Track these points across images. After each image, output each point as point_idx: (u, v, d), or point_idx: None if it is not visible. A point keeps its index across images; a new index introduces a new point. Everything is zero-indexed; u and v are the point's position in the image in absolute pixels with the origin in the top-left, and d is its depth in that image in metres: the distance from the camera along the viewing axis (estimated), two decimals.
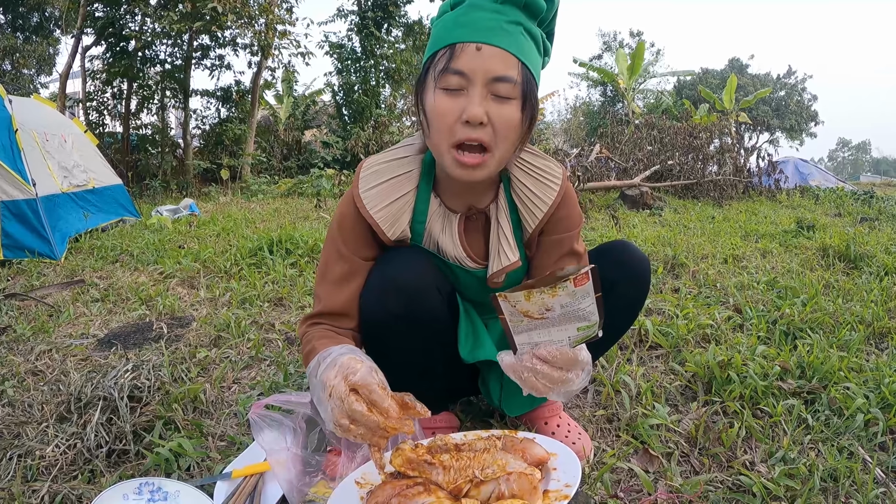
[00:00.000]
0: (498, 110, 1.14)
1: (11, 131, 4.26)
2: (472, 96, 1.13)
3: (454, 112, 1.14)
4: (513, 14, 1.15)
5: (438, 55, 1.16)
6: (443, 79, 1.14)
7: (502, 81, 1.13)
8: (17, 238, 4.00)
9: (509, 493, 0.98)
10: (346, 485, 1.11)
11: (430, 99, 1.18)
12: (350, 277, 1.31)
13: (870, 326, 2.45)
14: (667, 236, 4.80)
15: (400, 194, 1.28)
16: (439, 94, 1.15)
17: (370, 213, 1.27)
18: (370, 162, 1.33)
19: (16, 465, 1.41)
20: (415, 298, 1.24)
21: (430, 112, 1.18)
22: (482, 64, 1.12)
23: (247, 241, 4.22)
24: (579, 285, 0.96)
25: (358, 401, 0.98)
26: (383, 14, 14.84)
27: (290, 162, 14.62)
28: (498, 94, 1.14)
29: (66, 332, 2.49)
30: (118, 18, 11.60)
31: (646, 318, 2.38)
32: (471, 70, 1.12)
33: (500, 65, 1.13)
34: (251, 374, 2.04)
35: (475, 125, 1.13)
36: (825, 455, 1.49)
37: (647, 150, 9.95)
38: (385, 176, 1.29)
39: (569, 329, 1.03)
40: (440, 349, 1.35)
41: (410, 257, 1.27)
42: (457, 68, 1.12)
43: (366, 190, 1.28)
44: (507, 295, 0.99)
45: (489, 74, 1.12)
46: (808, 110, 37.59)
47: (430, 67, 1.18)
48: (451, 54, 1.13)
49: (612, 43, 34.21)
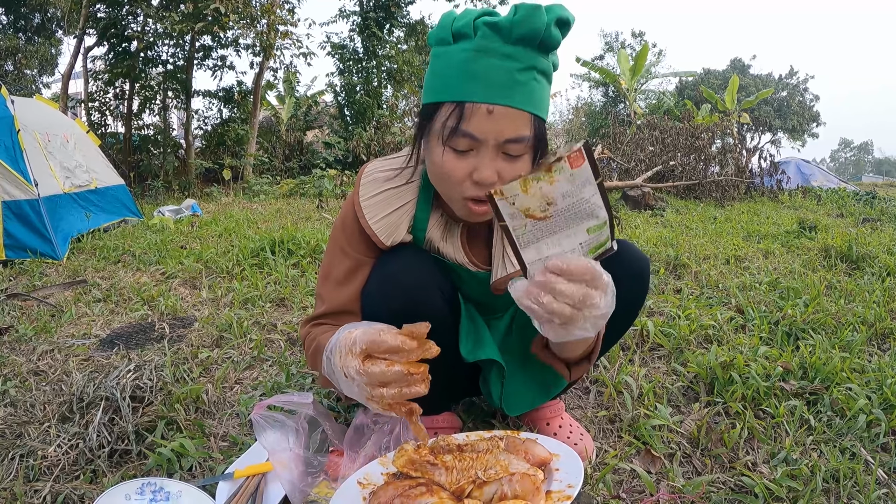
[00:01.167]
0: (509, 168, 1.11)
1: (13, 132, 4.27)
2: (482, 157, 1.09)
3: (463, 171, 1.11)
4: (525, 58, 1.07)
5: (446, 109, 1.10)
6: (452, 140, 1.09)
7: (514, 143, 1.09)
8: (19, 238, 4.01)
9: (512, 494, 0.98)
10: (349, 485, 1.11)
11: (436, 153, 1.14)
12: (354, 274, 1.31)
13: (872, 327, 2.45)
14: (669, 237, 4.80)
15: (399, 204, 1.28)
16: (448, 153, 1.11)
17: (368, 223, 1.26)
18: (371, 168, 1.33)
19: (18, 464, 1.41)
20: (415, 296, 1.23)
21: (436, 167, 1.15)
22: (494, 126, 1.07)
23: (249, 241, 4.22)
24: (576, 165, 0.88)
25: (374, 363, 0.97)
26: (385, 14, 14.83)
27: (291, 162, 14.63)
28: (509, 154, 1.10)
29: (68, 333, 2.49)
30: (120, 19, 11.61)
31: (648, 319, 2.38)
32: (482, 133, 1.07)
33: (511, 126, 1.07)
34: (253, 375, 2.05)
35: (486, 186, 1.09)
36: (827, 456, 1.48)
37: (648, 151, 9.96)
38: (385, 185, 1.29)
39: (578, 233, 0.94)
40: (438, 344, 1.34)
41: (411, 256, 1.28)
42: (467, 131, 1.07)
43: (366, 198, 1.28)
44: (503, 190, 0.90)
45: (501, 137, 1.07)
46: (809, 111, 37.60)
47: (436, 119, 1.12)
48: (461, 115, 1.07)
49: (614, 43, 34.19)
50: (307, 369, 2.02)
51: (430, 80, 1.15)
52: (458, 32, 1.09)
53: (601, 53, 34.18)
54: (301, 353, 2.21)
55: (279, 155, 14.70)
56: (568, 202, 0.91)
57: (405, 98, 15.55)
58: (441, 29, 1.12)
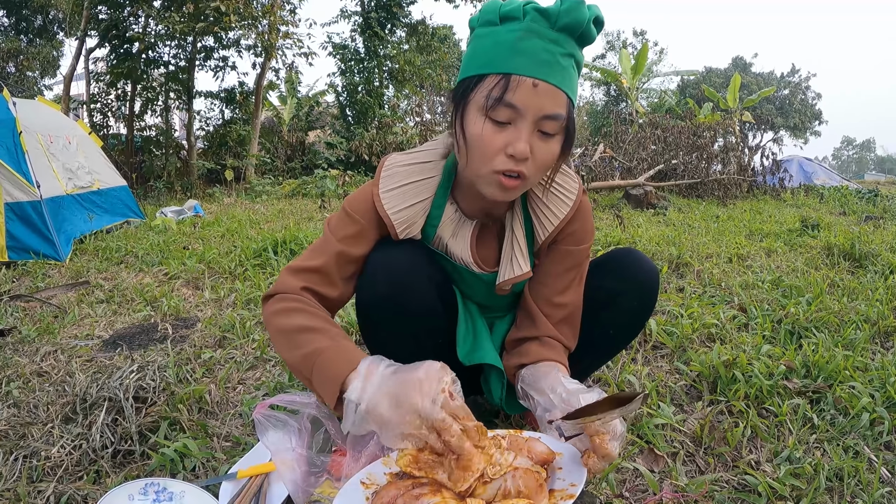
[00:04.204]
0: (541, 147, 1.13)
1: (16, 133, 4.27)
2: (520, 130, 1.10)
3: (500, 143, 1.12)
4: (567, 45, 1.11)
5: (491, 80, 1.11)
6: (495, 110, 1.11)
7: (551, 119, 1.11)
8: (22, 240, 4.01)
9: (515, 490, 0.98)
10: (352, 485, 1.11)
11: (475, 124, 1.14)
12: (357, 239, 1.28)
13: (875, 325, 2.44)
14: (671, 236, 4.80)
15: (418, 199, 1.28)
16: (488, 123, 1.12)
17: (388, 212, 1.25)
18: (391, 162, 1.32)
19: (21, 465, 1.41)
20: (402, 282, 1.23)
21: (473, 138, 1.15)
22: (536, 101, 1.09)
23: (251, 241, 4.22)
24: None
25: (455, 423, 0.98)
26: (387, 14, 14.84)
27: (293, 163, 14.63)
28: (544, 131, 1.12)
29: (71, 334, 2.50)
30: (122, 20, 11.61)
31: (650, 318, 2.38)
32: (524, 106, 1.09)
33: (551, 103, 1.10)
34: (256, 375, 2.05)
35: (519, 160, 1.11)
36: (830, 454, 1.48)
37: (650, 150, 9.95)
38: (406, 179, 1.28)
39: None
40: (431, 341, 1.34)
41: (405, 245, 1.27)
42: (511, 102, 1.09)
43: (385, 191, 1.27)
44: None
45: (540, 112, 1.10)
46: (811, 109, 37.57)
47: (479, 89, 1.14)
48: (507, 86, 1.09)
49: (616, 42, 34.21)
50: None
51: (471, 58, 1.18)
52: (507, 15, 1.13)
53: (603, 52, 34.23)
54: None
55: (281, 155, 14.69)
56: None
57: (407, 98, 15.55)
58: (487, 13, 1.16)
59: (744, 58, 41.50)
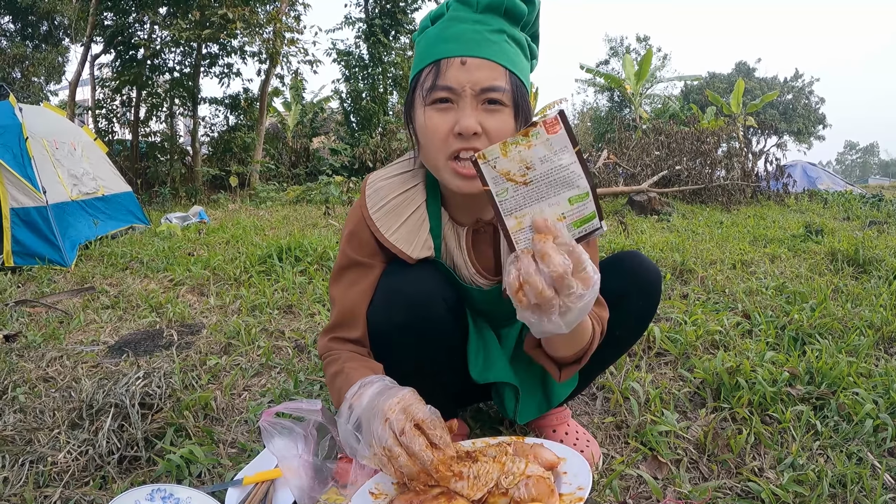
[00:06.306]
0: (490, 120, 1.13)
1: (22, 139, 4.31)
2: (462, 109, 1.12)
3: (446, 126, 1.13)
4: (495, 22, 1.15)
5: (424, 73, 1.16)
6: (431, 95, 1.14)
7: (491, 91, 1.12)
8: (28, 245, 4.04)
9: (528, 498, 0.98)
10: (361, 495, 1.11)
11: (420, 116, 1.18)
12: (361, 277, 1.30)
13: (879, 331, 2.44)
14: (675, 242, 4.80)
15: (411, 210, 1.27)
16: (429, 110, 1.15)
17: (387, 237, 1.25)
18: (373, 178, 1.33)
19: (28, 471, 1.42)
20: (419, 309, 1.22)
21: (421, 129, 1.18)
22: (469, 77, 1.12)
23: (256, 248, 4.24)
24: (552, 132, 0.93)
25: (418, 436, 0.99)
26: (391, 21, 14.91)
27: (298, 169, 14.67)
28: (490, 103, 1.13)
29: (76, 339, 2.51)
30: (127, 27, 11.70)
31: (654, 325, 2.38)
32: (458, 84, 1.12)
33: (487, 75, 1.12)
34: (261, 382, 2.06)
35: (469, 136, 1.12)
36: (834, 461, 1.48)
37: (654, 156, 9.94)
38: (391, 193, 1.29)
39: (560, 201, 0.97)
40: (446, 359, 1.34)
41: (415, 268, 1.26)
42: (444, 84, 1.12)
43: (375, 210, 1.27)
44: (485, 153, 0.96)
45: (477, 86, 1.12)
46: (815, 113, 37.56)
47: (418, 86, 1.18)
48: (437, 71, 1.13)
49: (619, 48, 34.26)
50: (315, 376, 2.03)
51: (414, 62, 1.24)
52: (435, 15, 1.21)
53: (606, 58, 34.28)
54: (309, 360, 2.22)
55: (286, 161, 14.75)
56: (546, 167, 0.95)
57: None
58: (422, 22, 1.24)
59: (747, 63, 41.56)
